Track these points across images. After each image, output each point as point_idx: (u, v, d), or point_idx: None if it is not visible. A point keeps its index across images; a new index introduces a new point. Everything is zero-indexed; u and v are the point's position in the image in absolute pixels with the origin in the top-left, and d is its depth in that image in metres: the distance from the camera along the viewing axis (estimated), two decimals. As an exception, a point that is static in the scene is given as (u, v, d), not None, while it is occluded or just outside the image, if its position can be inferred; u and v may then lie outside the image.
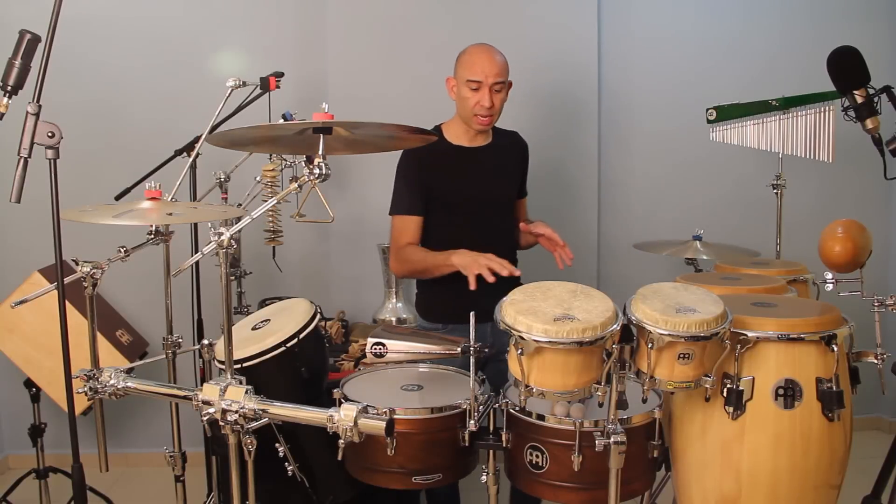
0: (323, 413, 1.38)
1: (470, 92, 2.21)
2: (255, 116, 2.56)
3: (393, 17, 3.29)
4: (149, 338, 3.10)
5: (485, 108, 2.20)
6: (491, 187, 2.34)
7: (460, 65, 2.26)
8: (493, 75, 2.19)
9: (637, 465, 1.60)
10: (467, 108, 2.24)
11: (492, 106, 2.21)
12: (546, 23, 3.30)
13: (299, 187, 1.55)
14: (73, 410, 1.60)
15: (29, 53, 1.48)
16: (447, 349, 1.73)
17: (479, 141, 2.35)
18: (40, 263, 2.64)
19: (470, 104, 2.22)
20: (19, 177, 1.44)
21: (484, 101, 2.20)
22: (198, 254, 1.62)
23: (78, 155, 2.78)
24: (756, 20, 3.45)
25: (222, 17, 3.29)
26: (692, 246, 2.62)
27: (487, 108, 2.20)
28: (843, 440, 1.55)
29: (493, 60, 2.21)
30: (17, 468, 3.17)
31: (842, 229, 1.90)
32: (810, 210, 3.38)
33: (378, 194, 3.33)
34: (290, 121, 2.53)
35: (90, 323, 1.74)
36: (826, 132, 2.51)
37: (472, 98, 2.21)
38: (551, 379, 1.44)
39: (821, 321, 1.52)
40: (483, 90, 2.19)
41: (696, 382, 1.46)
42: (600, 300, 1.50)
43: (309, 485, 1.91)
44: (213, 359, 1.88)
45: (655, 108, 3.47)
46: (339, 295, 3.37)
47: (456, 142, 2.33)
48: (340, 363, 2.80)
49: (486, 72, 2.19)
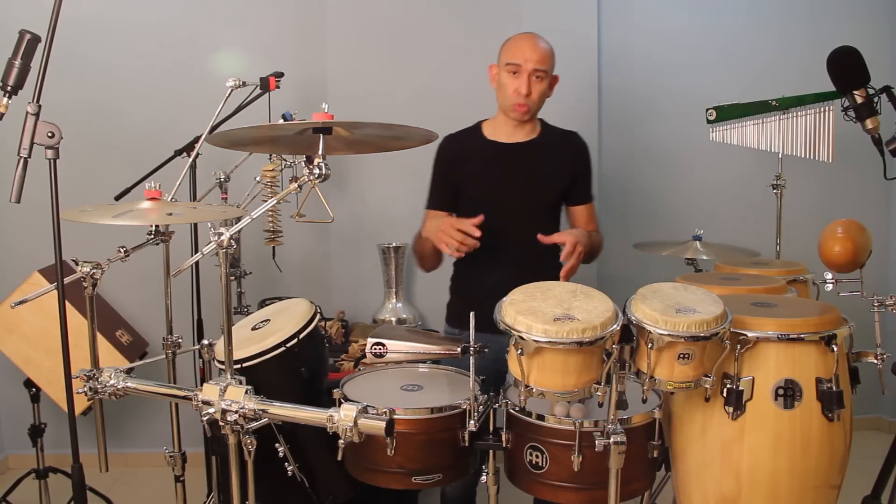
0: (323, 413, 1.37)
1: (509, 77, 2.13)
2: (255, 116, 2.56)
3: (393, 17, 3.29)
4: (149, 338, 3.10)
5: (522, 94, 2.11)
6: (524, 187, 2.21)
7: (503, 50, 2.18)
8: (533, 61, 2.10)
9: (637, 465, 1.60)
10: (505, 95, 2.15)
11: (529, 93, 2.12)
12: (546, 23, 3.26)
13: (299, 187, 1.55)
14: (73, 410, 1.60)
15: (29, 53, 1.48)
16: (447, 349, 1.73)
17: (519, 137, 2.24)
18: (40, 263, 2.64)
19: (508, 90, 2.13)
20: (19, 177, 1.43)
21: (521, 88, 2.10)
22: (198, 254, 1.62)
23: (78, 155, 2.78)
24: (756, 20, 3.45)
25: (222, 17, 3.30)
26: (692, 246, 2.62)
27: (524, 94, 2.11)
28: (843, 440, 1.54)
29: (536, 46, 2.12)
30: (17, 468, 3.17)
31: (842, 229, 1.89)
32: (810, 210, 3.38)
33: (378, 194, 3.36)
34: (290, 121, 2.53)
35: (90, 323, 1.74)
36: (826, 132, 2.51)
37: (511, 84, 2.12)
38: (551, 379, 1.44)
39: (821, 321, 1.52)
40: (521, 75, 2.10)
41: (696, 382, 1.46)
42: (600, 300, 1.50)
43: (309, 485, 1.91)
44: (212, 359, 1.88)
45: (655, 108, 3.47)
46: (339, 295, 3.37)
47: (493, 137, 2.24)
48: (340, 363, 2.81)
49: (525, 56, 2.10)
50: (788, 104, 2.56)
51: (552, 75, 2.19)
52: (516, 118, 2.19)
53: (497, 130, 2.25)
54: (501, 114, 2.24)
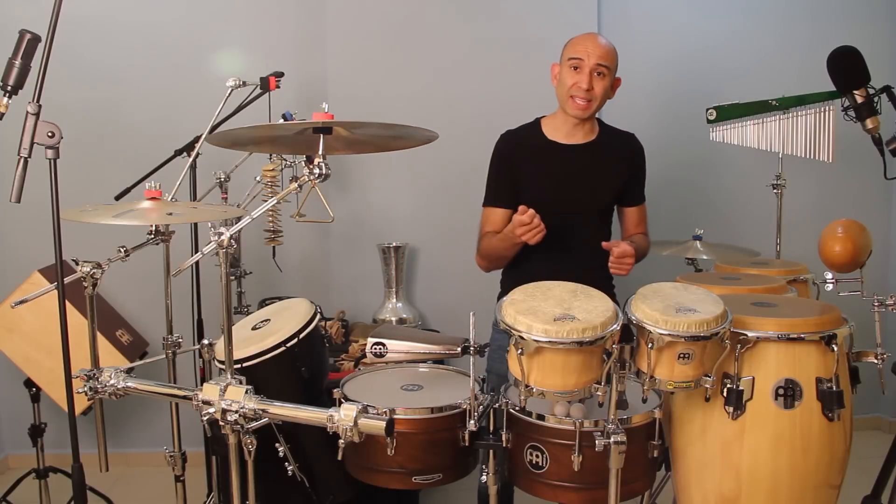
0: (323, 413, 1.37)
1: (570, 72, 2.11)
2: (255, 116, 2.56)
3: (393, 16, 3.29)
4: (149, 338, 3.10)
5: (582, 89, 2.09)
6: (581, 191, 2.19)
7: (566, 47, 2.17)
8: (595, 56, 2.09)
9: (637, 465, 1.60)
10: (565, 90, 2.13)
11: (590, 88, 2.09)
12: (546, 23, 3.30)
13: (299, 187, 1.55)
14: (73, 410, 1.60)
15: (29, 53, 1.48)
16: (447, 349, 1.73)
17: (579, 137, 2.21)
18: (40, 263, 2.64)
19: (567, 84, 2.11)
20: (19, 177, 1.44)
21: (582, 82, 2.09)
22: (198, 254, 1.63)
23: (78, 155, 2.78)
24: (756, 20, 3.45)
25: (222, 17, 3.30)
26: (692, 246, 2.63)
27: (585, 89, 2.09)
28: (843, 440, 1.55)
29: (599, 43, 2.12)
30: (17, 468, 3.17)
31: (842, 229, 1.89)
32: (810, 210, 3.38)
33: (378, 194, 3.36)
34: (290, 121, 2.53)
35: (90, 323, 1.74)
36: (826, 132, 2.51)
37: (571, 78, 2.11)
38: (551, 379, 1.44)
39: (821, 321, 1.52)
40: (583, 70, 2.09)
41: (696, 382, 1.46)
42: (600, 300, 1.50)
43: (309, 485, 1.91)
44: (213, 359, 1.88)
45: (655, 107, 3.47)
46: (339, 295, 3.37)
47: (552, 136, 2.22)
48: (340, 363, 2.80)
49: (588, 51, 2.09)
50: (788, 104, 2.56)
51: (615, 76, 2.17)
52: (576, 115, 2.16)
53: (557, 130, 2.23)
54: (561, 112, 2.21)
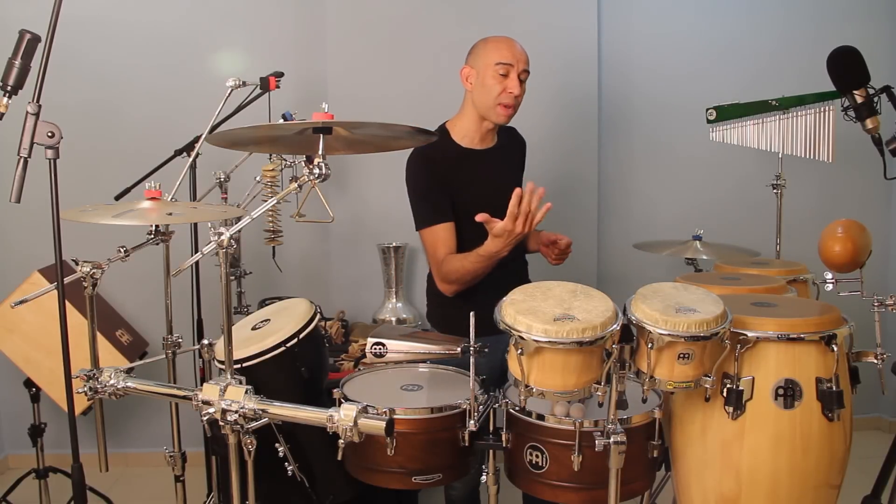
0: (323, 413, 1.37)
1: (495, 79, 2.09)
2: (255, 116, 2.56)
3: (393, 16, 3.29)
4: (149, 338, 3.10)
5: (513, 95, 2.09)
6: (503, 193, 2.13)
7: (485, 50, 2.14)
8: (522, 61, 2.11)
9: (637, 465, 1.60)
10: (490, 97, 2.11)
11: (521, 94, 2.12)
12: (546, 23, 3.30)
13: (299, 187, 1.55)
14: (72, 410, 1.60)
15: (29, 53, 1.48)
16: (447, 349, 1.73)
17: (488, 142, 2.24)
18: (40, 263, 2.64)
19: (495, 92, 2.10)
20: (19, 177, 1.44)
21: (513, 88, 2.09)
22: (198, 254, 1.62)
23: (78, 155, 2.78)
24: (756, 20, 3.45)
25: (222, 17, 3.30)
26: (692, 246, 2.62)
27: (516, 95, 2.10)
28: (843, 440, 1.54)
29: (520, 47, 2.13)
30: (17, 468, 3.17)
31: (842, 229, 1.89)
32: (810, 210, 3.38)
33: (378, 194, 3.36)
34: (290, 121, 2.53)
35: (90, 323, 1.74)
36: (826, 132, 2.51)
37: (499, 85, 2.09)
38: (551, 379, 1.44)
39: (821, 321, 1.52)
40: (512, 76, 2.09)
41: (696, 382, 1.46)
42: (600, 300, 1.50)
43: (309, 485, 1.91)
44: (213, 359, 1.88)
45: (655, 108, 3.47)
46: (339, 295, 3.37)
47: (466, 144, 2.20)
48: (340, 363, 2.81)
49: (516, 56, 2.10)
50: (788, 104, 2.56)
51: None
52: (499, 121, 2.16)
53: (468, 136, 2.21)
54: (472, 117, 2.19)
